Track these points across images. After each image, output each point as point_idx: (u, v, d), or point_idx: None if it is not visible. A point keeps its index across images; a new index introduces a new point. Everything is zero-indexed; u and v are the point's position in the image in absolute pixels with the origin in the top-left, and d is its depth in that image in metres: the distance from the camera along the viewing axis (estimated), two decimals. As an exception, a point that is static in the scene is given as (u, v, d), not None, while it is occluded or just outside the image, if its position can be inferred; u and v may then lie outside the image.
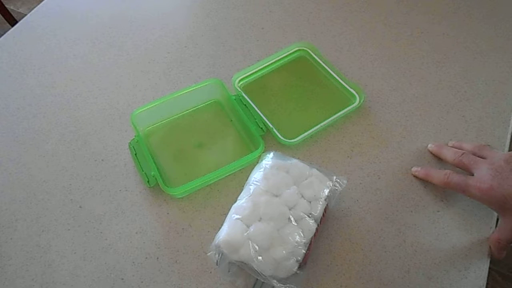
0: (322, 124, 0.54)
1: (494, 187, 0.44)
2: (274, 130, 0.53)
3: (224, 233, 0.41)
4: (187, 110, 0.58)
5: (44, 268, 0.46)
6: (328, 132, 0.56)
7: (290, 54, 0.63)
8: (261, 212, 0.42)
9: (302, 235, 0.41)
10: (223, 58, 0.64)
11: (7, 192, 0.52)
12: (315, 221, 0.42)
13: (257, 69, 0.61)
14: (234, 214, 0.42)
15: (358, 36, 0.67)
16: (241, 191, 0.46)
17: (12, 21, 1.57)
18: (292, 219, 0.42)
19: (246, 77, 0.60)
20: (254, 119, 0.54)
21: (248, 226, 0.41)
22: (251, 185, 0.44)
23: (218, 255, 0.41)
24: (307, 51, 0.63)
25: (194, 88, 0.56)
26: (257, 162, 0.48)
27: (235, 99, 0.56)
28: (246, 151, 0.53)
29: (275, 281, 0.39)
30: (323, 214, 0.44)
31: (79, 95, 0.61)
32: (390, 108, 0.58)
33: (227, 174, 0.52)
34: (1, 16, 1.53)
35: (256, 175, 0.45)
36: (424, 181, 0.51)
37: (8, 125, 0.58)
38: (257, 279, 0.42)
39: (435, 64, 0.63)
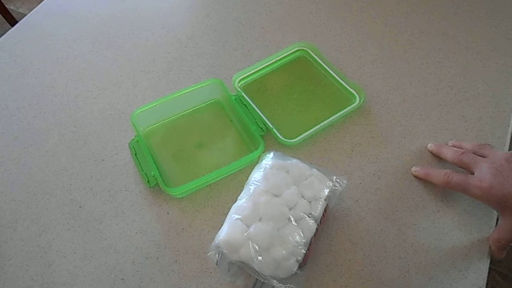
0: (322, 124, 0.54)
1: (495, 186, 0.44)
2: (274, 130, 0.53)
3: (224, 233, 0.41)
4: (187, 110, 0.58)
5: (44, 268, 0.46)
6: (328, 132, 0.56)
7: (290, 54, 0.63)
8: (261, 212, 0.42)
9: (302, 235, 0.41)
10: (223, 58, 0.64)
11: (7, 192, 0.52)
12: (315, 221, 0.42)
13: (257, 69, 0.61)
14: (234, 214, 0.42)
15: (358, 36, 0.67)
16: (241, 191, 0.46)
17: (12, 21, 1.57)
18: (292, 219, 0.42)
19: (246, 77, 0.60)
20: (254, 119, 0.54)
21: (248, 226, 0.41)
22: (251, 185, 0.44)
23: (218, 255, 0.41)
24: (307, 51, 0.63)
25: (194, 88, 0.56)
26: (257, 162, 0.48)
27: (235, 99, 0.56)
28: (246, 151, 0.53)
29: (275, 281, 0.39)
30: (323, 214, 0.44)
31: (79, 95, 0.61)
32: (390, 108, 0.58)
33: (227, 174, 0.52)
34: (1, 16, 1.53)
35: (256, 175, 0.45)
36: (424, 181, 0.51)
37: (8, 125, 0.58)
38: (257, 279, 0.42)
39: (435, 64, 0.63)
